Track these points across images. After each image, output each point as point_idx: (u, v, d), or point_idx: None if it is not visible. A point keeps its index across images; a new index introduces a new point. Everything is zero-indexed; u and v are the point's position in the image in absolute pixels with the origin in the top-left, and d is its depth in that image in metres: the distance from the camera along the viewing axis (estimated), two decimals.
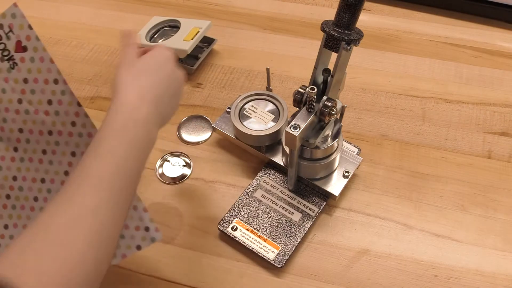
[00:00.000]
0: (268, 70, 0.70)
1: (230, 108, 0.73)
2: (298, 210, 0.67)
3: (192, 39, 0.82)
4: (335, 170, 0.69)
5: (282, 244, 0.64)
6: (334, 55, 0.58)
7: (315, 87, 0.57)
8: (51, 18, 0.99)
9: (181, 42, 0.82)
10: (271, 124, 0.70)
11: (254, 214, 0.67)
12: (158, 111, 0.48)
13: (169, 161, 0.74)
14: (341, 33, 0.55)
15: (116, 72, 0.49)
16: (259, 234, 0.65)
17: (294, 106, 0.62)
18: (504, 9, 0.91)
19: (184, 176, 0.73)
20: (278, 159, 0.70)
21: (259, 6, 0.99)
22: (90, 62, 0.90)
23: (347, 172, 0.68)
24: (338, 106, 0.61)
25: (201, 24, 0.85)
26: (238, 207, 0.67)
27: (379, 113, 0.80)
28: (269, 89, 0.73)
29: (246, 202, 0.68)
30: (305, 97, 0.60)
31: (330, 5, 0.99)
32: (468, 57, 0.88)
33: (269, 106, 0.72)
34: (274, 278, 0.63)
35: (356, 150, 0.73)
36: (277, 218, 0.66)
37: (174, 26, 0.89)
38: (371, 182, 0.71)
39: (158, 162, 0.74)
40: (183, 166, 0.74)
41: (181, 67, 0.55)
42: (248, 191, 0.69)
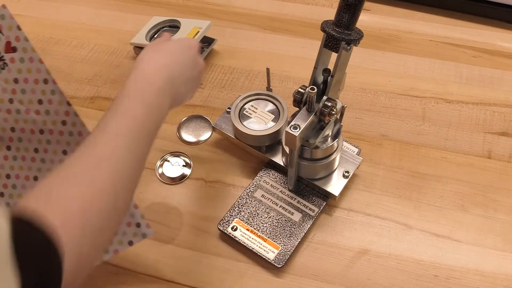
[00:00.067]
0: (268, 70, 0.70)
1: (230, 108, 0.73)
2: (298, 210, 0.67)
3: None
4: (335, 170, 0.69)
5: (282, 244, 0.64)
6: (334, 55, 0.58)
7: (315, 87, 0.57)
8: (51, 18, 0.99)
9: None
10: (271, 124, 0.70)
11: (254, 214, 0.67)
12: (172, 90, 0.53)
13: (169, 161, 0.74)
14: (341, 33, 0.55)
15: (144, 48, 0.56)
16: (259, 234, 0.65)
17: (294, 106, 0.62)
18: (504, 9, 0.91)
19: (184, 176, 0.73)
20: (278, 159, 0.70)
21: (259, 6, 0.99)
22: (90, 62, 0.90)
23: (347, 172, 0.68)
24: (338, 106, 0.61)
25: (201, 24, 0.85)
26: (238, 207, 0.67)
27: (379, 113, 0.80)
28: (269, 89, 0.73)
29: (246, 202, 0.68)
30: (305, 97, 0.60)
31: (330, 5, 0.99)
32: (468, 57, 0.88)
33: (269, 106, 0.72)
34: (274, 278, 0.63)
35: (356, 150, 0.73)
36: (277, 218, 0.66)
37: (174, 26, 0.89)
38: (371, 182, 0.71)
39: (158, 162, 0.74)
40: (183, 166, 0.74)
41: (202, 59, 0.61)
42: (248, 191, 0.69)
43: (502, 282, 0.62)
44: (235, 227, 0.65)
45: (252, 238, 0.64)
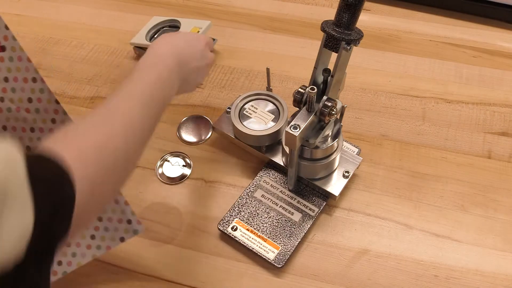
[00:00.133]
0: (268, 70, 0.70)
1: (230, 108, 0.73)
2: (298, 210, 0.67)
3: None
4: (335, 170, 0.69)
5: (282, 244, 0.64)
6: (334, 55, 0.58)
7: (315, 87, 0.57)
8: (51, 18, 0.99)
9: None
10: (271, 124, 0.70)
11: (254, 214, 0.67)
12: (180, 74, 0.59)
13: (169, 161, 0.74)
14: (341, 33, 0.55)
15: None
16: (259, 234, 0.65)
17: (294, 106, 0.62)
18: (504, 9, 0.91)
19: (184, 176, 0.73)
20: (278, 159, 0.70)
21: (259, 6, 0.99)
22: (90, 62, 0.90)
23: (347, 172, 0.68)
24: (338, 106, 0.61)
25: (201, 24, 0.85)
26: (238, 207, 0.67)
27: (379, 113, 0.80)
28: (269, 89, 0.73)
29: (246, 202, 0.68)
30: (305, 97, 0.60)
31: (330, 5, 0.99)
32: (468, 57, 0.88)
33: (269, 106, 0.72)
34: (274, 278, 0.63)
35: (356, 150, 0.73)
36: (277, 218, 0.66)
37: (174, 26, 0.89)
38: (371, 182, 0.71)
39: (158, 162, 0.74)
40: (183, 166, 0.74)
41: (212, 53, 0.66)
42: (248, 191, 0.69)
43: (502, 282, 0.62)
44: (235, 227, 0.65)
45: (252, 238, 0.64)
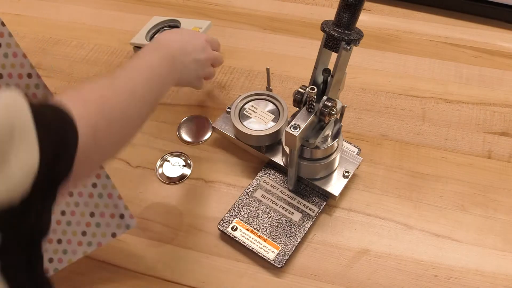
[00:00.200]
0: (268, 70, 0.70)
1: (230, 108, 0.73)
2: (298, 210, 0.67)
3: None
4: (335, 170, 0.69)
5: (282, 244, 0.64)
6: (334, 55, 0.58)
7: (315, 87, 0.57)
8: (51, 18, 0.99)
9: None
10: (271, 124, 0.70)
11: (254, 214, 0.67)
12: (181, 62, 0.65)
13: (169, 161, 0.74)
14: (341, 33, 0.55)
15: None
16: (259, 234, 0.65)
17: (294, 106, 0.62)
18: (504, 9, 0.91)
19: (184, 176, 0.73)
20: (278, 159, 0.70)
21: (259, 6, 0.99)
22: (90, 62, 0.90)
23: (347, 172, 0.68)
24: (338, 106, 0.61)
25: (201, 24, 0.85)
26: (238, 207, 0.67)
27: (379, 113, 0.80)
28: (269, 89, 0.73)
29: (246, 202, 0.68)
30: (305, 97, 0.60)
31: (330, 5, 0.99)
32: (468, 57, 0.88)
33: (269, 106, 0.72)
34: (274, 278, 0.63)
35: (356, 150, 0.73)
36: (277, 218, 0.66)
37: (174, 26, 0.89)
38: (371, 182, 0.71)
39: (158, 162, 0.74)
40: (183, 166, 0.74)
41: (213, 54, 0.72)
42: (248, 191, 0.69)
43: (502, 282, 0.62)
44: (235, 227, 0.65)
45: (252, 238, 0.64)
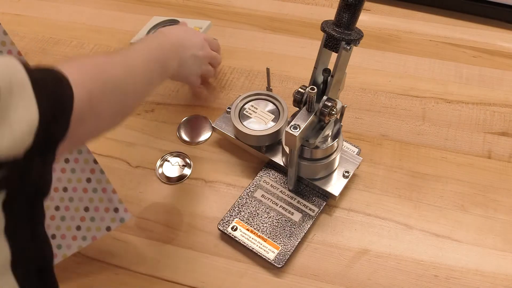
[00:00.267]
0: (268, 70, 0.70)
1: (230, 108, 0.73)
2: (298, 210, 0.67)
3: None
4: (335, 170, 0.69)
5: (282, 244, 0.64)
6: (334, 55, 0.58)
7: (315, 87, 0.57)
8: (51, 18, 0.99)
9: None
10: (271, 124, 0.70)
11: (254, 214, 0.67)
12: (179, 54, 0.68)
13: (169, 161, 0.74)
14: (341, 33, 0.55)
15: None
16: (259, 234, 0.65)
17: (294, 106, 0.62)
18: (504, 9, 0.91)
19: (184, 176, 0.73)
20: (278, 159, 0.70)
21: (259, 6, 0.99)
22: None
23: (347, 172, 0.68)
24: (338, 106, 0.61)
25: (201, 24, 0.85)
26: (238, 207, 0.67)
27: (379, 113, 0.80)
28: (269, 89, 0.73)
29: (246, 202, 0.68)
30: (305, 97, 0.60)
31: (330, 5, 0.99)
32: (468, 57, 0.88)
33: (269, 106, 0.72)
34: (274, 278, 0.63)
35: (356, 150, 0.73)
36: (277, 218, 0.66)
37: None
38: (371, 182, 0.71)
39: (158, 162, 0.74)
40: (183, 166, 0.74)
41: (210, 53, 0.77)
42: (248, 191, 0.69)
43: (502, 282, 0.62)
44: (235, 227, 0.65)
45: (252, 238, 0.64)
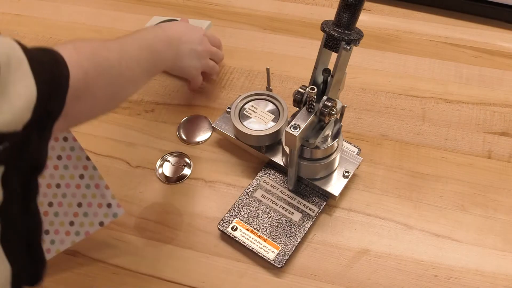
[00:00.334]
0: (268, 70, 0.70)
1: (230, 108, 0.73)
2: (298, 210, 0.67)
3: None
4: (335, 170, 0.69)
5: (282, 244, 0.64)
6: (334, 55, 0.58)
7: (315, 87, 0.57)
8: (51, 18, 0.99)
9: None
10: (271, 124, 0.70)
11: (254, 214, 0.67)
12: (177, 48, 0.70)
13: (169, 161, 0.74)
14: (341, 33, 0.55)
15: None
16: (259, 234, 0.65)
17: (294, 106, 0.62)
18: (504, 9, 0.91)
19: (184, 176, 0.73)
20: (278, 159, 0.70)
21: (259, 6, 0.99)
22: None
23: (347, 172, 0.68)
24: (338, 106, 0.61)
25: (201, 24, 0.85)
26: (238, 207, 0.67)
27: (379, 113, 0.80)
28: (269, 89, 0.73)
29: (246, 202, 0.68)
30: (305, 97, 0.60)
31: (330, 5, 0.99)
32: (468, 57, 0.88)
33: (269, 106, 0.72)
34: (274, 278, 0.63)
35: (356, 150, 0.73)
36: (277, 218, 0.66)
37: None
38: (371, 182, 0.71)
39: (158, 162, 0.74)
40: (183, 166, 0.74)
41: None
42: (248, 191, 0.69)
43: (502, 282, 0.62)
44: (235, 227, 0.65)
45: (252, 238, 0.64)
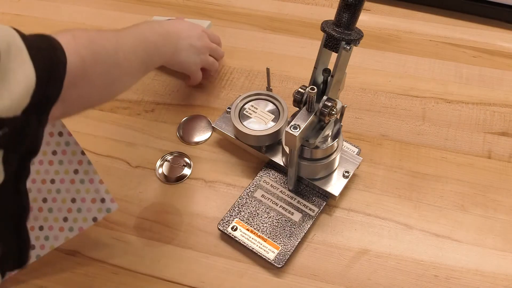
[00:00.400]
0: (268, 70, 0.70)
1: (230, 108, 0.73)
2: (298, 210, 0.67)
3: None
4: (335, 170, 0.69)
5: (282, 244, 0.64)
6: (334, 55, 0.58)
7: (315, 87, 0.57)
8: (51, 18, 0.99)
9: None
10: (271, 124, 0.70)
11: (254, 214, 0.67)
12: (175, 44, 0.71)
13: (169, 161, 0.74)
14: (341, 33, 0.55)
15: None
16: (259, 234, 0.65)
17: (294, 106, 0.62)
18: (504, 9, 0.91)
19: (184, 176, 0.73)
20: (278, 159, 0.70)
21: (259, 6, 0.99)
22: None
23: (347, 172, 0.68)
24: (338, 106, 0.61)
25: (201, 24, 0.85)
26: (238, 207, 0.67)
27: (379, 113, 0.80)
28: (269, 89, 0.73)
29: (246, 202, 0.68)
30: (305, 97, 0.60)
31: (330, 5, 0.99)
32: (468, 57, 0.88)
33: (269, 106, 0.72)
34: (274, 278, 0.63)
35: (356, 150, 0.73)
36: (277, 218, 0.66)
37: None
38: (371, 182, 0.71)
39: (158, 162, 0.74)
40: (183, 166, 0.74)
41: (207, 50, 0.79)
42: (248, 191, 0.69)
43: (502, 282, 0.62)
44: (235, 227, 0.65)
45: (252, 238, 0.64)
